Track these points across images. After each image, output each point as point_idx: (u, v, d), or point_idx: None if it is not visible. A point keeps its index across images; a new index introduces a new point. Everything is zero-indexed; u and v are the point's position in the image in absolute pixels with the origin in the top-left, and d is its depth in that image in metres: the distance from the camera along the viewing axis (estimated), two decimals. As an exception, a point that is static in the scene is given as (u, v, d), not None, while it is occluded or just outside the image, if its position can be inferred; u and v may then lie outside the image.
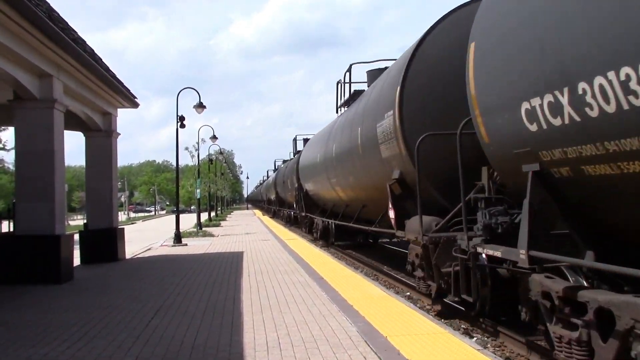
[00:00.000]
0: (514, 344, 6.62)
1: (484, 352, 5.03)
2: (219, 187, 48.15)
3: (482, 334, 7.29)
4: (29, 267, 10.13)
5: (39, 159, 10.43)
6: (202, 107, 22.25)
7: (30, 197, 10.38)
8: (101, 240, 14.01)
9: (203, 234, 25.29)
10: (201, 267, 12.50)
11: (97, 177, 14.34)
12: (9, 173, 52.02)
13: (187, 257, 15.01)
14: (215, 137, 34.49)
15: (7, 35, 8.67)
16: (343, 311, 6.94)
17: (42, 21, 8.85)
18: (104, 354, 5.32)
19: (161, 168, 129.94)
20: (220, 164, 55.76)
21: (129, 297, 8.56)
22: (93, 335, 6.07)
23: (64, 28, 10.35)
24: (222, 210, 67.06)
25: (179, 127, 20.98)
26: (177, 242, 19.71)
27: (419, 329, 5.85)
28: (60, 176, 10.81)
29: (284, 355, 5.12)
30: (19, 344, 5.77)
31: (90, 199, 14.64)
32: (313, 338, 5.69)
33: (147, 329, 6.34)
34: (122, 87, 13.70)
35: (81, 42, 11.60)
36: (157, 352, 5.32)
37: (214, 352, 5.31)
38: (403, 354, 4.95)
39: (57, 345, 5.68)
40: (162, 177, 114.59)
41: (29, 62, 9.62)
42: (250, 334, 5.96)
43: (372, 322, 6.22)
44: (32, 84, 10.16)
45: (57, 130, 10.70)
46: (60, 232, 10.56)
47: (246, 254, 14.98)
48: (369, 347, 5.26)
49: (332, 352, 5.15)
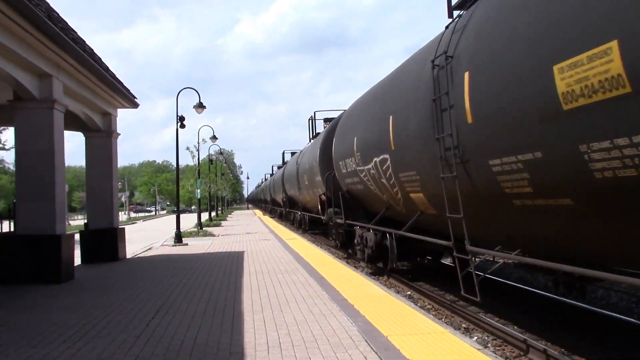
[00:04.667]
0: (514, 344, 6.63)
1: (484, 351, 5.02)
2: (219, 187, 48.17)
3: (483, 333, 7.29)
4: (29, 267, 10.14)
5: (39, 159, 10.44)
6: (201, 108, 22.28)
7: (30, 197, 10.38)
8: (102, 240, 14.03)
9: (204, 234, 25.30)
10: (202, 266, 12.50)
11: (97, 177, 14.35)
12: (9, 173, 52.08)
13: (187, 257, 15.02)
14: (215, 137, 34.51)
15: (7, 35, 8.68)
16: (343, 310, 6.94)
17: (42, 21, 8.85)
18: (105, 353, 5.32)
19: (161, 168, 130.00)
20: (220, 164, 55.79)
21: (129, 297, 8.56)
22: (93, 335, 6.07)
23: (64, 28, 10.34)
24: (223, 210, 67.11)
25: (179, 127, 21.05)
26: (178, 242, 19.74)
27: (419, 329, 5.85)
28: (60, 176, 10.81)
29: (284, 354, 5.11)
30: (20, 344, 5.77)
31: (90, 199, 14.64)
32: (313, 337, 5.68)
33: (147, 328, 6.34)
34: (122, 87, 13.70)
35: (81, 42, 11.59)
36: (158, 352, 5.32)
37: (215, 351, 5.30)
38: (403, 354, 4.94)
39: (58, 345, 5.68)
40: (162, 177, 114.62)
41: (29, 62, 9.62)
42: (251, 333, 5.96)
43: (372, 322, 6.22)
44: (31, 84, 10.16)
45: (57, 130, 10.70)
46: (60, 232, 10.56)
47: (247, 254, 14.99)
48: (369, 346, 5.26)
49: (332, 351, 5.15)
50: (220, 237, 22.87)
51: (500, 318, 7.87)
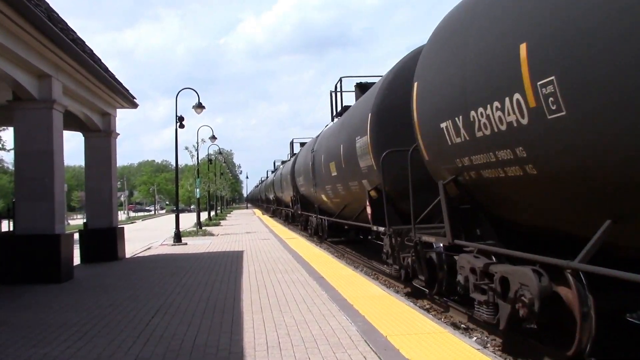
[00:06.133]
0: (513, 344, 6.63)
1: (484, 351, 5.03)
2: (218, 187, 48.18)
3: (482, 333, 7.30)
4: (29, 267, 10.15)
5: (39, 159, 10.44)
6: (201, 108, 22.31)
7: (30, 197, 10.39)
8: (101, 240, 14.03)
9: (203, 233, 25.29)
10: (201, 266, 12.51)
11: (96, 177, 14.36)
12: (8, 173, 52.04)
13: (187, 256, 15.02)
14: (214, 137, 34.54)
15: (7, 36, 8.67)
16: (343, 310, 6.94)
17: (42, 21, 8.85)
18: (104, 353, 5.33)
19: (161, 168, 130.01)
20: (220, 163, 55.79)
21: (129, 297, 8.57)
22: (93, 335, 6.08)
23: (63, 29, 10.35)
24: (222, 210, 67.10)
25: (178, 127, 21.07)
26: (177, 241, 19.74)
27: (419, 328, 5.86)
28: (59, 176, 10.82)
29: (283, 354, 5.12)
30: (20, 344, 5.77)
31: (89, 198, 14.66)
32: (313, 337, 5.69)
33: (147, 328, 6.35)
34: (121, 88, 13.71)
35: (80, 42, 11.60)
36: (157, 352, 5.33)
37: (214, 351, 5.31)
38: (403, 354, 4.95)
39: (57, 345, 5.69)
40: (161, 177, 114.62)
41: (28, 63, 9.62)
42: (250, 333, 5.97)
43: (372, 322, 6.22)
44: (31, 85, 10.16)
45: (56, 130, 10.71)
46: (60, 232, 10.57)
47: (246, 253, 14.99)
48: (368, 346, 5.27)
49: (331, 351, 5.16)
50: (219, 237, 22.87)
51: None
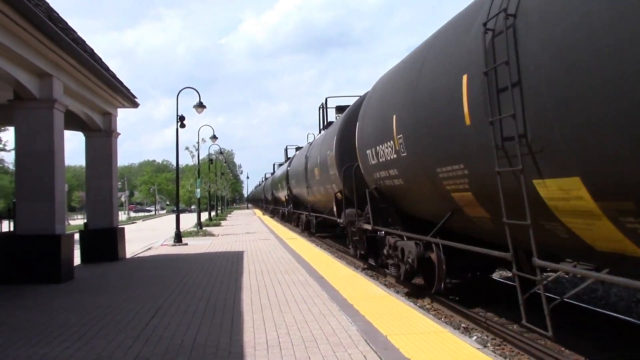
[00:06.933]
0: (513, 343, 6.63)
1: (484, 350, 5.02)
2: (219, 187, 48.18)
3: (482, 333, 7.29)
4: (29, 267, 10.14)
5: (39, 158, 10.43)
6: (201, 107, 22.28)
7: (30, 197, 10.38)
8: (101, 240, 14.03)
9: (203, 234, 25.30)
10: (201, 266, 12.51)
11: (97, 176, 14.36)
12: (9, 173, 52.05)
13: (187, 257, 15.02)
14: (215, 137, 34.52)
15: (7, 35, 8.67)
16: (343, 310, 6.94)
17: (42, 21, 8.85)
18: (104, 353, 5.32)
19: (161, 168, 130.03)
20: (220, 163, 55.80)
21: (129, 297, 8.56)
22: (93, 335, 6.07)
23: (64, 28, 10.35)
24: (222, 210, 67.11)
25: (179, 127, 21.05)
26: (178, 242, 19.74)
27: (418, 328, 5.85)
28: (60, 176, 10.81)
29: (283, 354, 5.12)
30: (19, 344, 5.77)
31: (90, 198, 14.64)
32: (313, 337, 5.69)
33: (147, 328, 6.35)
34: (122, 87, 13.70)
35: (81, 41, 11.60)
36: (157, 352, 5.32)
37: (214, 351, 5.31)
38: (403, 353, 4.95)
39: (57, 345, 5.68)
40: (162, 177, 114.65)
41: (29, 62, 9.62)
42: (250, 333, 5.96)
43: (372, 321, 6.22)
44: (32, 84, 10.17)
45: (57, 130, 10.70)
46: (60, 232, 10.56)
47: (246, 254, 14.99)
48: (369, 346, 5.26)
49: (332, 351, 5.15)
50: (220, 237, 22.87)
51: (500, 318, 7.87)
